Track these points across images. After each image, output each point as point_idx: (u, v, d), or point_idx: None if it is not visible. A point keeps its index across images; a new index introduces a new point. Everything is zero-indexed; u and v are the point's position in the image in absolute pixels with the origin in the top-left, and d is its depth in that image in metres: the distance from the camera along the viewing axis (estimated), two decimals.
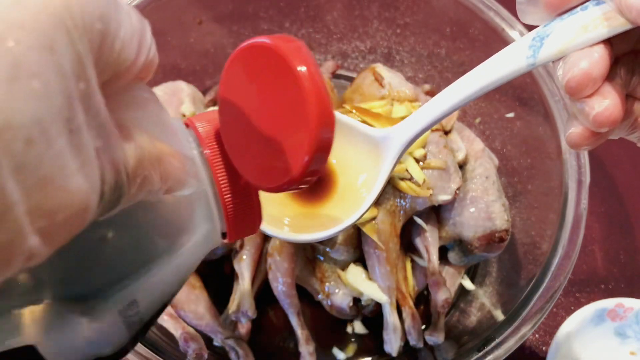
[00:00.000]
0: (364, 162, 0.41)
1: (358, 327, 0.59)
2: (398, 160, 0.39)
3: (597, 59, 0.26)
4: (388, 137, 0.38)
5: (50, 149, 0.15)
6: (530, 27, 0.30)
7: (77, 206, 0.17)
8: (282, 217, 0.41)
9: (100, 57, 0.18)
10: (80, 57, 0.17)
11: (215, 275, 0.57)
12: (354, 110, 0.53)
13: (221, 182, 0.27)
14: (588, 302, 0.58)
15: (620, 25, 0.26)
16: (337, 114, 0.42)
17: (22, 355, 0.21)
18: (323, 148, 0.23)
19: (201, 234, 0.28)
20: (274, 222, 0.40)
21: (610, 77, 0.27)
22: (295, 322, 0.54)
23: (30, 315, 0.21)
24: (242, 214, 0.28)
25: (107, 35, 0.18)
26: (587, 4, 0.28)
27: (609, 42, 0.27)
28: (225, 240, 0.29)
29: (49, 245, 0.16)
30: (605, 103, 0.27)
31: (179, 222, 0.27)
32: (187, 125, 0.28)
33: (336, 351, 0.58)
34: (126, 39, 0.19)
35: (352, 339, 0.59)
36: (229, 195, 0.27)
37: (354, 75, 0.71)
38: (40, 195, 0.15)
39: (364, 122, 0.53)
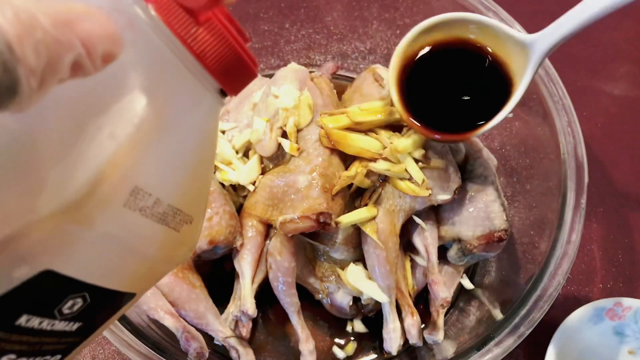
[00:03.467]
0: (513, 61, 0.46)
1: (358, 326, 0.60)
2: (542, 62, 0.44)
3: None
4: (536, 40, 0.43)
5: None
6: (527, 28, 0.31)
7: None
8: None
9: None
10: None
11: (216, 274, 0.58)
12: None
13: (176, 27, 0.23)
14: (587, 301, 0.58)
15: None
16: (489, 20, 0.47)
17: (44, 281, 0.20)
18: None
19: (184, 97, 0.24)
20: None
21: None
22: (295, 321, 0.55)
23: (34, 241, 0.19)
24: (223, 54, 0.24)
25: None
26: None
27: None
28: (228, 98, 0.26)
29: None
30: None
31: (150, 87, 0.22)
32: None
33: (336, 350, 0.59)
34: None
35: (352, 338, 0.60)
36: (192, 39, 0.23)
37: (354, 75, 0.72)
38: None
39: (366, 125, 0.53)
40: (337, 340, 0.59)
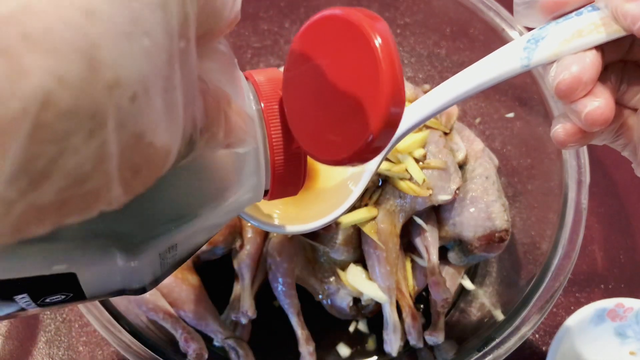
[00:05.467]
0: None
1: (362, 326, 0.59)
2: (386, 155, 0.39)
3: (588, 64, 0.27)
4: None
5: (149, 106, 0.16)
6: (530, 29, 0.30)
7: (160, 161, 0.17)
8: (272, 210, 0.41)
9: (200, 15, 0.18)
10: (187, 16, 0.17)
11: (215, 275, 0.57)
12: None
13: (275, 143, 0.27)
14: (588, 302, 0.58)
15: (614, 32, 0.27)
16: None
17: (62, 280, 0.22)
18: (392, 124, 0.23)
19: (247, 188, 0.28)
20: (263, 215, 0.40)
21: (601, 80, 0.28)
22: (295, 322, 0.54)
23: (78, 245, 0.22)
24: (288, 176, 0.28)
25: None
26: (582, 9, 0.28)
27: (600, 48, 0.28)
28: (265, 198, 0.30)
29: (128, 195, 0.17)
30: (597, 102, 0.27)
31: (230, 175, 0.27)
32: (246, 78, 0.28)
33: (339, 347, 0.58)
34: None
35: (352, 339, 0.59)
36: (279, 157, 0.27)
37: None
38: (131, 150, 0.16)
39: None
40: (337, 341, 0.59)
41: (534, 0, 0.29)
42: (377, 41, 0.22)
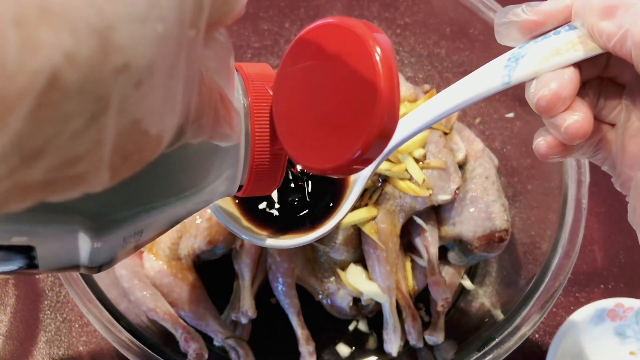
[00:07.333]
0: None
1: (363, 326, 0.59)
2: (373, 173, 0.39)
3: (566, 81, 0.28)
4: None
5: (151, 94, 0.15)
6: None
7: (151, 149, 0.17)
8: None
9: (213, 5, 0.18)
10: (202, 6, 0.17)
11: (215, 275, 0.57)
12: None
13: (258, 140, 0.27)
14: (588, 302, 0.58)
15: (591, 49, 0.28)
16: None
17: (19, 252, 0.22)
18: (383, 138, 0.23)
19: (222, 181, 0.28)
20: (254, 231, 0.40)
21: (580, 96, 0.29)
22: (295, 321, 0.54)
23: (44, 219, 0.21)
24: (266, 175, 0.28)
25: None
26: (560, 28, 0.29)
27: (578, 65, 0.28)
28: (238, 194, 0.29)
29: (113, 180, 0.16)
30: (576, 116, 0.28)
31: (206, 166, 0.27)
32: (236, 69, 0.27)
33: (339, 347, 0.58)
34: None
35: (352, 339, 0.59)
36: (260, 155, 0.27)
37: None
38: (126, 137, 0.15)
39: None
40: (337, 341, 0.59)
41: (513, 20, 0.29)
42: (378, 55, 0.22)
